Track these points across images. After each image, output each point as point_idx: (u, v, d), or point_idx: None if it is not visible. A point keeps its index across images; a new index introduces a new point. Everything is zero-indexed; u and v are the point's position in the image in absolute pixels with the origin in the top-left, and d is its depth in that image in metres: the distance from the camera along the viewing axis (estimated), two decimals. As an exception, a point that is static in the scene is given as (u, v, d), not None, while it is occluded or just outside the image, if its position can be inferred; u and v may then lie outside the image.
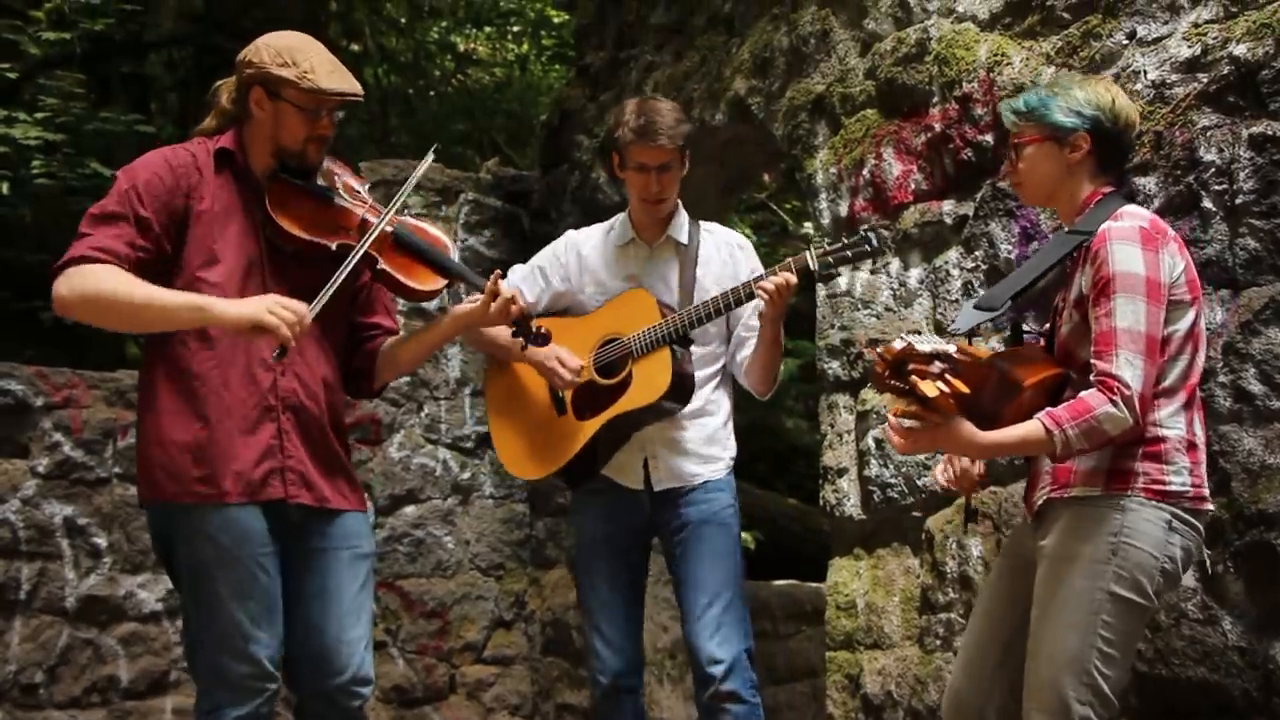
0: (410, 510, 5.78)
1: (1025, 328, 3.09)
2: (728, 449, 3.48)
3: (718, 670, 3.22)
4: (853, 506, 4.26)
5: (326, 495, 2.89)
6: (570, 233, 3.70)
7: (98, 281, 2.67)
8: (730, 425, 3.51)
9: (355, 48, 9.72)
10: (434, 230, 3.06)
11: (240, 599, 2.73)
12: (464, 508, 5.93)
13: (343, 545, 2.91)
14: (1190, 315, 2.67)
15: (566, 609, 5.89)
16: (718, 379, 3.48)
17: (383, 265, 2.88)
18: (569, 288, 3.55)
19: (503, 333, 3.35)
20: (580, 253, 3.57)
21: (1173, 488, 2.61)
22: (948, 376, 2.46)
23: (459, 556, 5.87)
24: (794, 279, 3.13)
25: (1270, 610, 3.02)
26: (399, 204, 2.94)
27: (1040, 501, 2.73)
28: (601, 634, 3.41)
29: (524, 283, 3.58)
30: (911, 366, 2.47)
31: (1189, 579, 3.13)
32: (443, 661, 5.77)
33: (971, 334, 2.84)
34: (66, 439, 4.97)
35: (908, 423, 2.60)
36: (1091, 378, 2.58)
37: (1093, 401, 2.52)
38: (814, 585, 7.01)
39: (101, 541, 4.99)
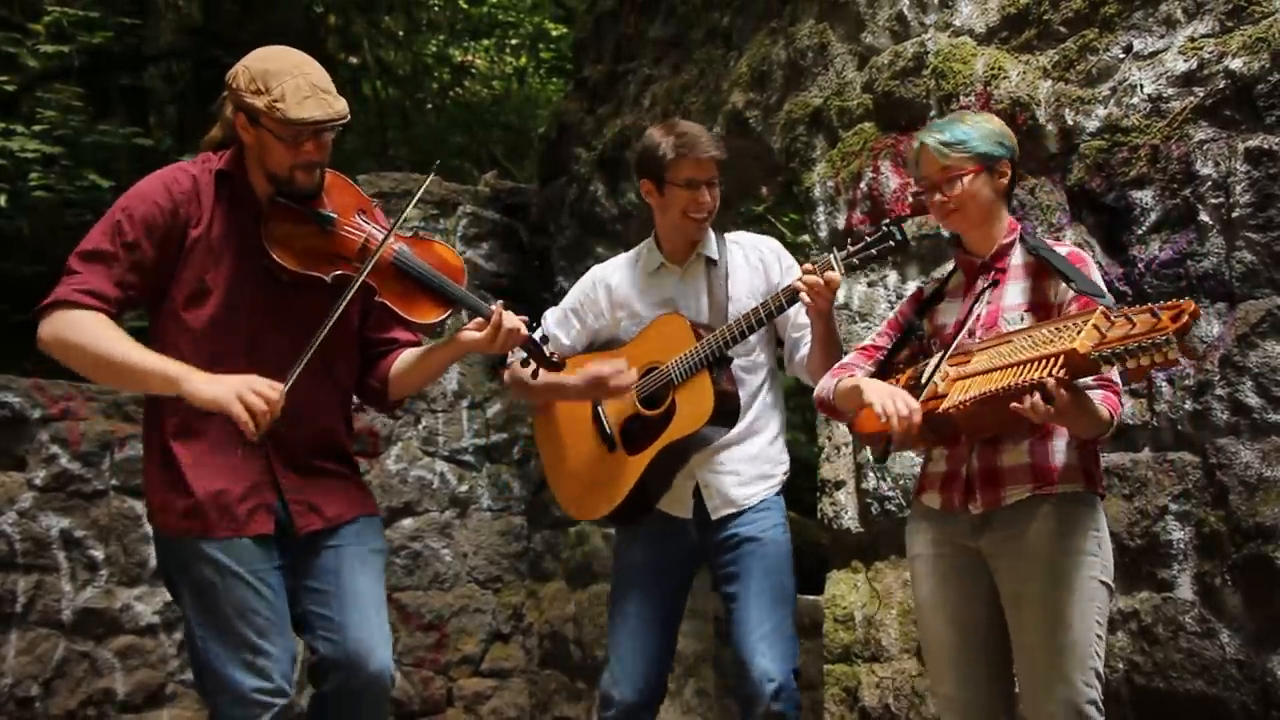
0: (408, 523, 5.78)
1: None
2: (779, 464, 3.39)
3: (770, 689, 3.13)
4: (850, 519, 4.26)
5: (335, 513, 2.88)
6: (595, 268, 3.64)
7: (78, 331, 2.64)
8: (780, 440, 3.41)
9: (354, 61, 9.75)
10: (443, 252, 2.95)
11: (245, 614, 2.72)
12: (461, 520, 5.92)
13: (355, 541, 2.89)
14: None
15: (564, 622, 5.88)
16: (763, 393, 3.38)
17: (381, 298, 2.81)
18: (603, 324, 3.50)
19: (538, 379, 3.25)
20: (609, 285, 3.51)
21: (1104, 490, 2.84)
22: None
23: (456, 569, 5.87)
24: (835, 276, 3.04)
25: (1268, 623, 3.02)
26: (397, 226, 2.84)
27: (1013, 499, 2.75)
28: (622, 661, 3.32)
29: (559, 327, 3.53)
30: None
31: (1187, 591, 3.13)
32: (440, 675, 5.76)
33: None
34: (64, 451, 4.97)
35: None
36: (1092, 379, 2.64)
37: (1115, 401, 2.68)
38: (812, 598, 6.99)
39: (98, 554, 4.98)
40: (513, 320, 2.84)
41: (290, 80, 2.68)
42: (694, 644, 5.46)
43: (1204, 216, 3.21)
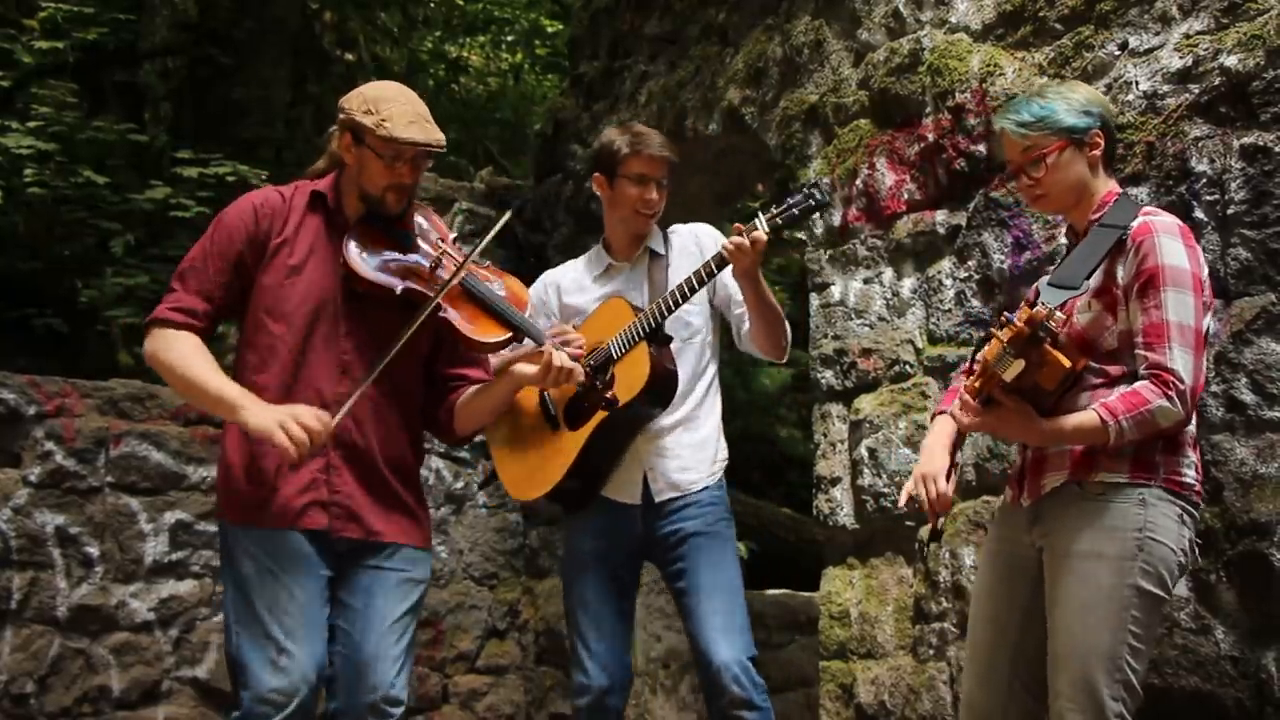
0: (403, 519, 5.77)
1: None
2: (721, 452, 3.48)
3: (730, 677, 3.19)
4: (846, 516, 4.26)
5: (377, 529, 2.94)
6: (546, 273, 3.74)
7: (168, 351, 2.88)
8: (720, 434, 3.50)
9: (349, 57, 9.73)
10: (512, 283, 3.10)
11: (276, 613, 2.80)
12: (457, 517, 5.92)
13: (394, 568, 2.96)
14: (1208, 316, 2.68)
15: (560, 618, 5.88)
16: (705, 377, 3.46)
17: (445, 314, 2.93)
18: (555, 324, 3.53)
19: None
20: (559, 285, 3.62)
21: (1186, 480, 2.65)
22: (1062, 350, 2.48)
23: (452, 566, 5.86)
24: (760, 236, 3.10)
25: (1263, 620, 3.02)
26: (473, 255, 2.99)
27: (1050, 487, 2.70)
28: (589, 649, 3.38)
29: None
30: (1041, 334, 2.43)
31: (1182, 588, 3.14)
32: (436, 671, 5.76)
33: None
34: (59, 448, 4.95)
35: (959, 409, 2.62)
36: (1143, 369, 2.57)
37: (1147, 394, 2.54)
38: (807, 595, 7.00)
39: (94, 551, 4.97)
40: (564, 360, 2.95)
41: (399, 106, 2.90)
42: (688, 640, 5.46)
43: (1199, 213, 3.21)
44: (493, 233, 3.07)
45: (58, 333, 6.63)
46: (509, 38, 11.72)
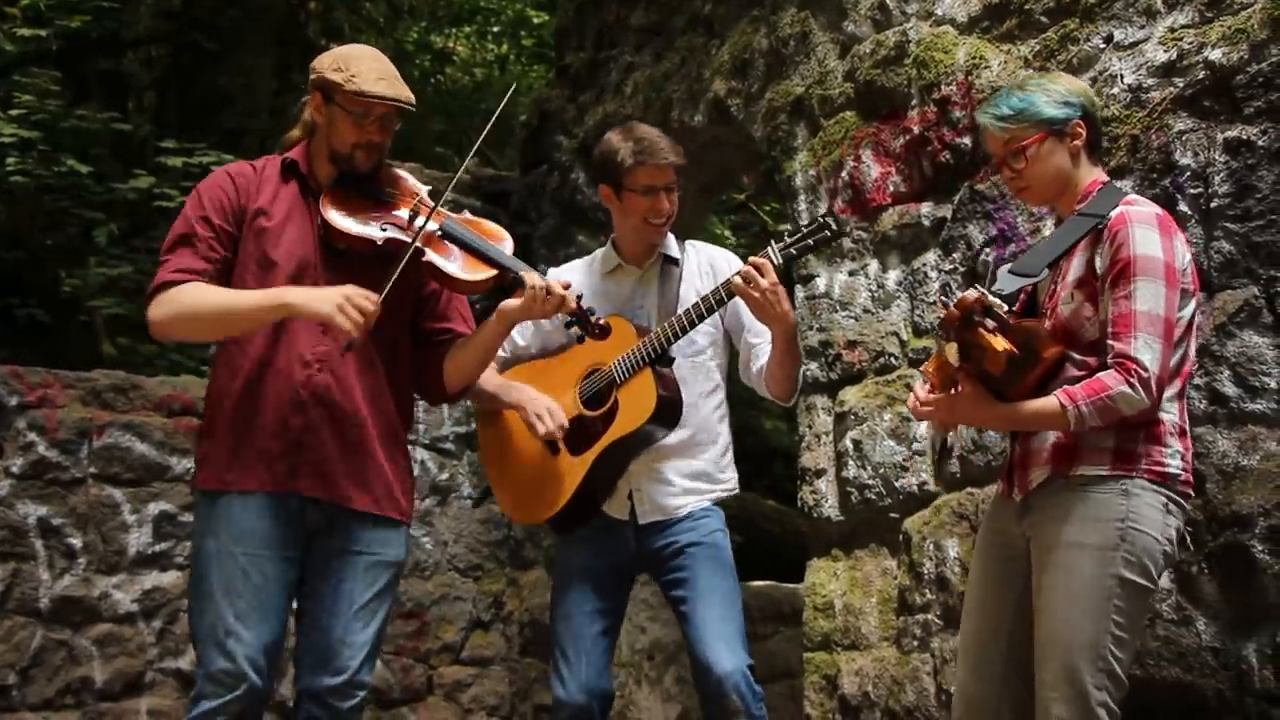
0: (388, 511, 5.75)
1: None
2: (720, 481, 3.37)
3: (731, 686, 3.12)
4: (830, 508, 4.27)
5: (348, 494, 2.91)
6: (551, 270, 3.59)
7: (183, 300, 2.84)
8: (728, 455, 3.39)
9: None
10: (488, 225, 3.11)
11: (229, 595, 2.80)
12: (442, 509, 5.91)
13: (364, 549, 2.94)
14: (1192, 305, 2.68)
15: (544, 610, 5.88)
16: (710, 401, 3.36)
17: (429, 257, 2.93)
18: (555, 324, 3.41)
19: (491, 382, 3.32)
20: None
21: (1170, 470, 2.64)
22: (1002, 335, 2.52)
23: (437, 557, 5.86)
24: (765, 263, 3.00)
25: (1244, 611, 3.04)
26: (451, 187, 3.05)
27: (1037, 481, 2.70)
28: (569, 664, 3.30)
29: (515, 330, 3.44)
30: (976, 319, 2.49)
31: (1164, 579, 3.16)
32: (420, 663, 5.75)
33: (1010, 299, 2.66)
34: (41, 439, 4.93)
35: (923, 393, 2.68)
36: (1109, 358, 2.58)
37: (1109, 381, 2.55)
38: (791, 586, 7.02)
39: (76, 542, 4.95)
40: (554, 286, 2.94)
41: (368, 64, 2.95)
42: (674, 633, 5.47)
43: (1183, 206, 3.22)
44: (462, 168, 3.09)
45: (40, 323, 6.60)
46: (494, 28, 11.69)
